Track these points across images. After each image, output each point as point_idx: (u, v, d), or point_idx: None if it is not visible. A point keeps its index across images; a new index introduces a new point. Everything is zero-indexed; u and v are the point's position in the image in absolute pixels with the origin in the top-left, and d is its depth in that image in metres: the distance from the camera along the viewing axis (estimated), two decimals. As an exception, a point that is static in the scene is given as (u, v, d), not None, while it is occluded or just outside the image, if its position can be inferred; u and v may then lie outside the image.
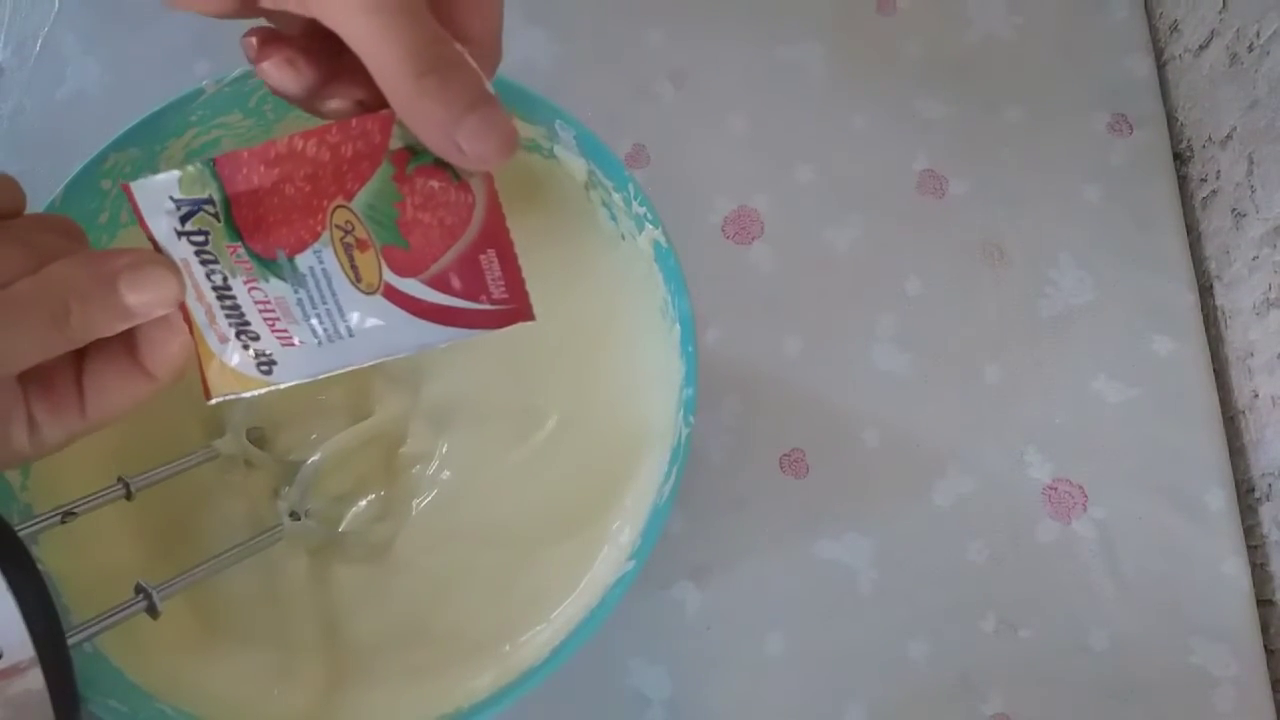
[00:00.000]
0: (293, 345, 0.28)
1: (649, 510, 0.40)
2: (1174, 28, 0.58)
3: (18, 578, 0.30)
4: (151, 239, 0.28)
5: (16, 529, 0.32)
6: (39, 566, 0.31)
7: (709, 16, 0.60)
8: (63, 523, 0.36)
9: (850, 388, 0.53)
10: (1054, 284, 0.54)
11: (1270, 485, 0.50)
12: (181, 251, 0.28)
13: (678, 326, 0.41)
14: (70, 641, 0.32)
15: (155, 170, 0.44)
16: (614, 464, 0.44)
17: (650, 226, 0.41)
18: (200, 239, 0.28)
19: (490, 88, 0.26)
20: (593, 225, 0.45)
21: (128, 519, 0.43)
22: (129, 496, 0.39)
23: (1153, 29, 0.59)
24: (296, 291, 0.28)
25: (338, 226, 0.27)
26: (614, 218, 0.44)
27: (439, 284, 0.28)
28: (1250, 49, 0.50)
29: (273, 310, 0.28)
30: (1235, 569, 0.50)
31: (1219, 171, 0.54)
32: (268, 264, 0.28)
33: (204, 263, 0.28)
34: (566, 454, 0.45)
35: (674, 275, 0.41)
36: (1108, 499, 0.51)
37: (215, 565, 0.39)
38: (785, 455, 0.52)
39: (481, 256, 0.29)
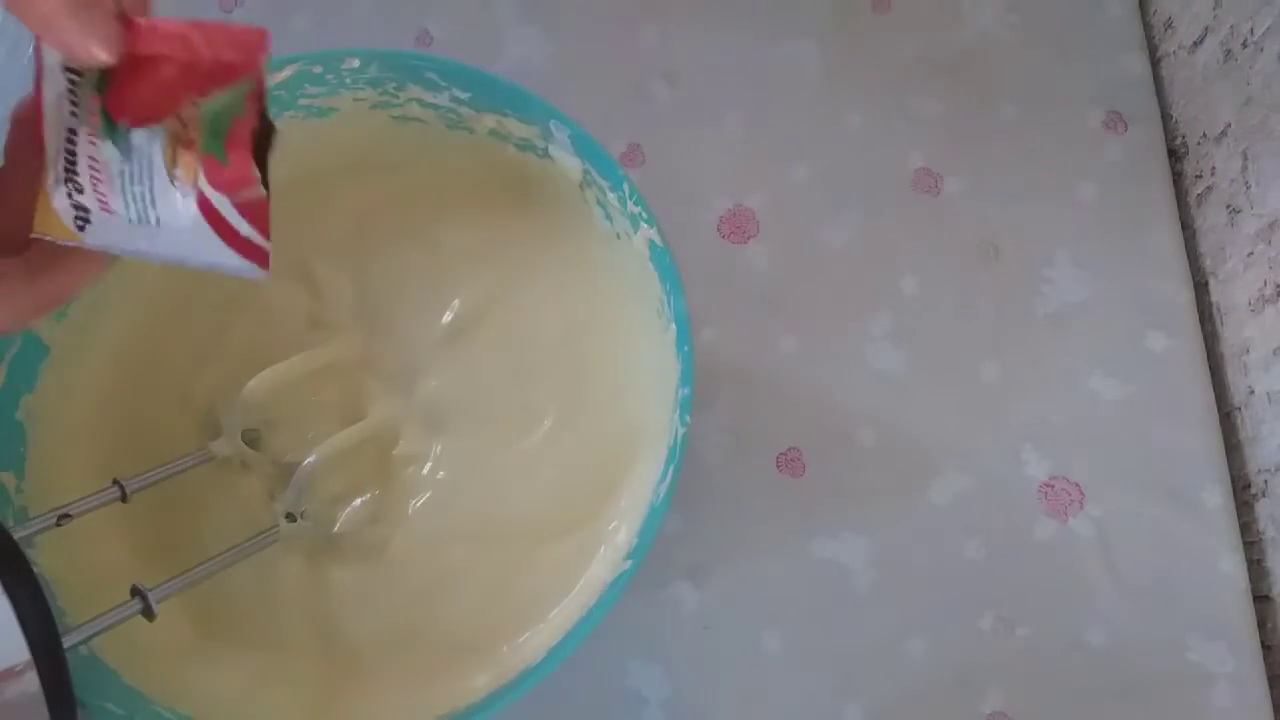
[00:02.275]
0: (108, 212, 0.28)
1: (645, 510, 0.40)
2: (1168, 25, 0.58)
3: (13, 581, 0.30)
4: (38, 62, 0.28)
5: (12, 532, 0.32)
6: (34, 569, 0.31)
7: (703, 16, 0.60)
8: (58, 525, 0.36)
9: (846, 386, 0.53)
10: (1049, 281, 0.54)
11: (1266, 482, 0.50)
12: (58, 85, 0.28)
13: (673, 326, 0.41)
14: (66, 644, 0.32)
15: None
16: (610, 464, 0.44)
17: (645, 226, 0.41)
18: (75, 79, 0.28)
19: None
20: (588, 224, 0.45)
21: (123, 521, 0.43)
22: (125, 499, 0.38)
23: (1147, 26, 0.59)
24: (123, 162, 0.28)
25: (178, 118, 0.28)
26: (609, 217, 0.44)
27: (246, 210, 0.28)
28: (1244, 45, 0.50)
29: (99, 172, 0.28)
30: (1232, 565, 0.50)
31: (1214, 168, 0.54)
32: (112, 126, 0.28)
33: (70, 102, 0.28)
34: (562, 454, 0.45)
35: (669, 274, 0.41)
36: (1104, 496, 0.51)
37: (211, 567, 0.39)
38: (782, 454, 0.52)
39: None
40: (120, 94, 0.28)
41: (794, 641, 0.49)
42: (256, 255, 0.29)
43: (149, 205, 0.28)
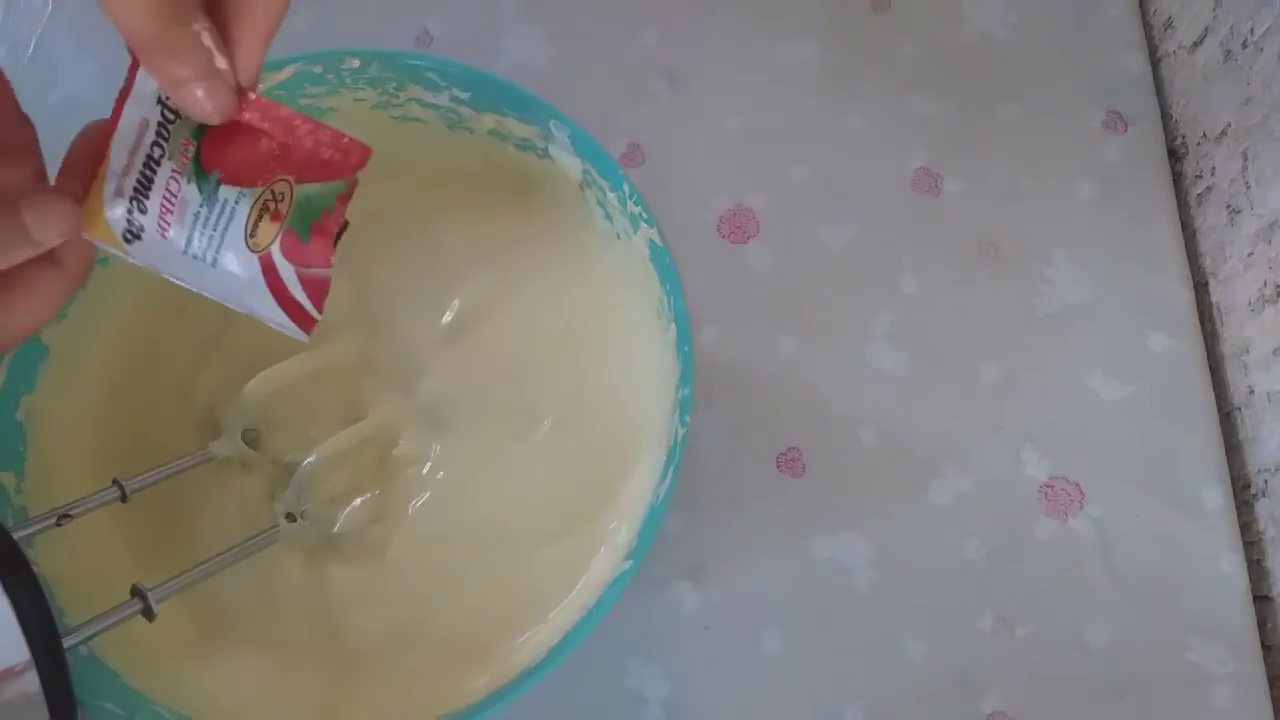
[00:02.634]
0: (164, 239, 0.31)
1: (646, 510, 0.40)
2: (1168, 25, 0.58)
3: (13, 581, 0.30)
4: (129, 84, 0.31)
5: (12, 532, 0.32)
6: (34, 569, 0.31)
7: (703, 15, 0.60)
8: (58, 525, 0.36)
9: (847, 386, 0.53)
10: (1050, 282, 0.54)
11: (1266, 481, 0.50)
12: (149, 111, 0.31)
13: (673, 326, 0.41)
14: (66, 645, 0.32)
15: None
16: (610, 464, 0.44)
17: (645, 225, 0.41)
18: (171, 116, 0.31)
19: (221, 63, 0.29)
20: (588, 224, 0.45)
21: (123, 521, 0.43)
22: (124, 499, 0.38)
23: (1147, 26, 0.59)
24: (202, 206, 0.31)
25: (272, 190, 0.32)
26: (609, 217, 0.44)
27: (309, 284, 0.33)
28: (1244, 45, 0.50)
29: (173, 204, 0.31)
30: (1232, 566, 0.50)
31: (1214, 168, 0.54)
32: (201, 173, 0.31)
33: (157, 133, 0.31)
34: (562, 454, 0.45)
35: (669, 274, 0.41)
36: (1104, 497, 0.51)
37: (211, 567, 0.39)
38: (782, 454, 0.52)
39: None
40: (218, 149, 0.32)
41: (794, 641, 0.49)
42: (304, 321, 0.33)
43: (214, 249, 0.31)
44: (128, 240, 0.31)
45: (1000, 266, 0.55)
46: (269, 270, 0.32)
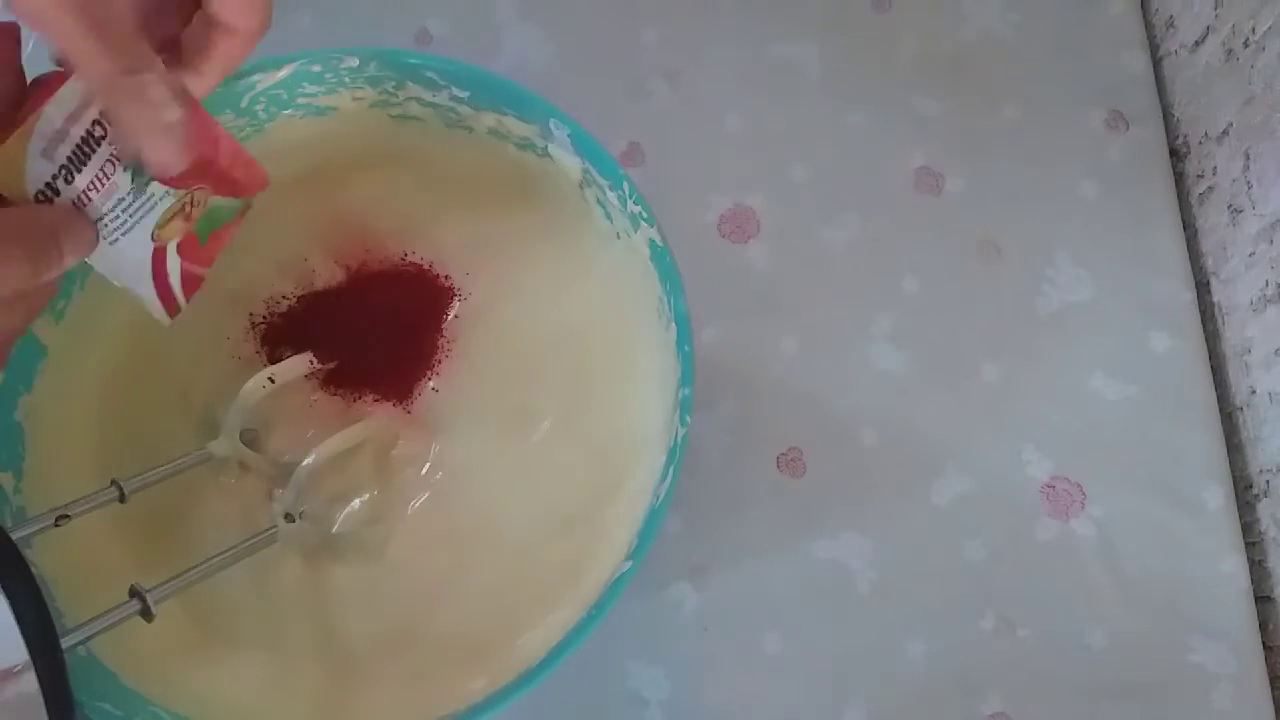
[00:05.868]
0: (83, 205, 0.31)
1: (646, 511, 0.39)
2: (1170, 24, 0.58)
3: (11, 581, 0.30)
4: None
5: (10, 532, 0.32)
6: (33, 570, 0.31)
7: (703, 15, 0.60)
8: (56, 525, 0.36)
9: (848, 387, 0.53)
10: (1051, 281, 0.54)
11: (1268, 482, 0.50)
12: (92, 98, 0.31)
13: (674, 326, 0.40)
14: (64, 645, 0.32)
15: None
16: (610, 464, 0.44)
17: (646, 225, 0.41)
18: None
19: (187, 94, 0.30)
20: (588, 224, 0.45)
21: (122, 522, 0.42)
22: (123, 499, 0.38)
23: (1148, 25, 0.59)
24: (129, 194, 0.32)
25: (192, 195, 0.34)
26: (609, 216, 0.44)
27: (187, 278, 0.36)
28: (1246, 44, 0.50)
29: (103, 186, 0.31)
30: (1234, 566, 0.49)
31: (1215, 168, 0.54)
32: (139, 166, 0.32)
33: (104, 117, 0.31)
34: (562, 455, 0.45)
35: (670, 274, 0.41)
36: (1106, 497, 0.51)
37: (209, 568, 0.39)
38: (783, 455, 0.52)
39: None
40: None
41: (794, 641, 0.49)
42: (171, 308, 0.36)
43: (121, 231, 0.32)
44: (37, 199, 0.30)
45: (1001, 266, 0.55)
46: (159, 260, 0.34)
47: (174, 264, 0.35)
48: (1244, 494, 0.51)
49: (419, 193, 0.47)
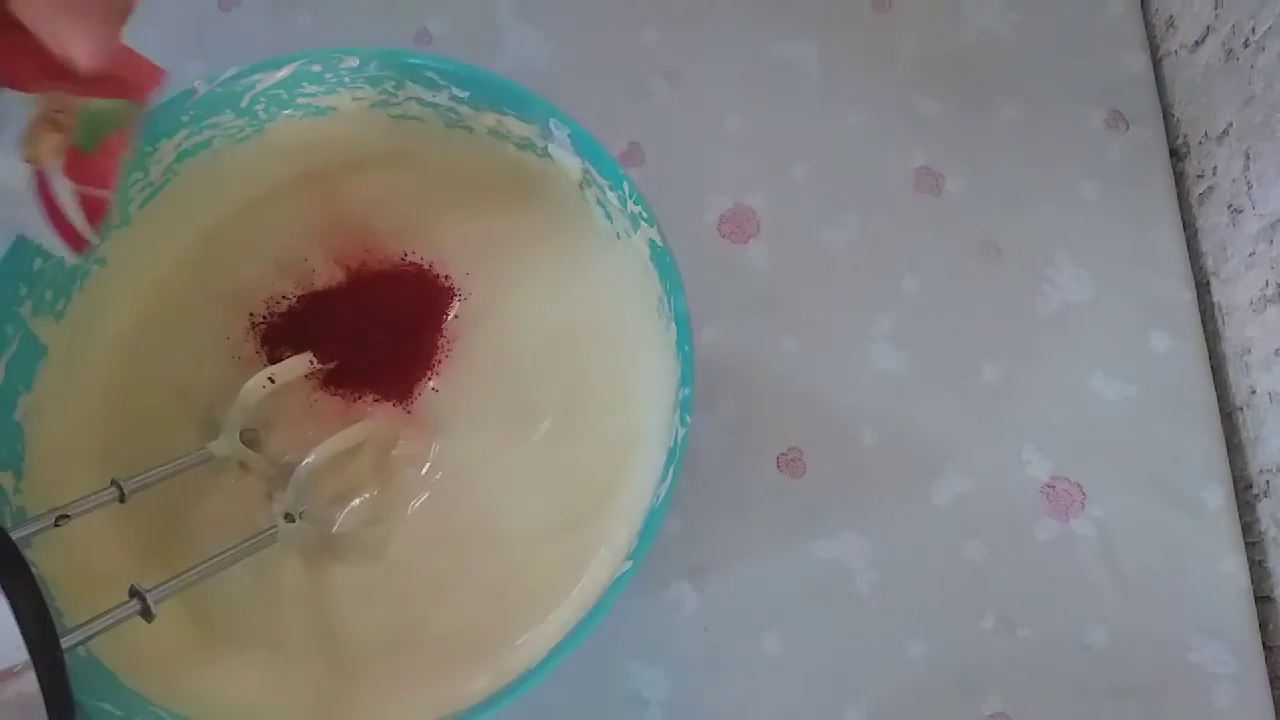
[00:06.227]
0: None
1: (646, 511, 0.39)
2: (1170, 24, 0.58)
3: (11, 581, 0.30)
4: None
5: (10, 532, 0.32)
6: (32, 570, 0.31)
7: (703, 14, 0.60)
8: (56, 526, 0.36)
9: (847, 387, 0.53)
10: (1051, 281, 0.54)
11: (1268, 482, 0.50)
12: None
13: (674, 325, 0.40)
14: (64, 645, 0.32)
15: (146, 170, 0.44)
16: (610, 464, 0.44)
17: (646, 225, 0.41)
18: None
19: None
20: (588, 224, 0.45)
21: (122, 522, 0.42)
22: (123, 499, 0.38)
23: (1148, 25, 0.59)
24: None
25: (51, 100, 0.29)
26: (609, 216, 0.44)
27: (88, 204, 0.31)
28: (1246, 44, 0.50)
29: None
30: (1234, 566, 0.49)
31: (1215, 167, 0.54)
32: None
33: None
34: (562, 455, 0.45)
35: (670, 274, 0.41)
36: (1106, 497, 0.51)
37: (209, 568, 0.39)
38: (783, 455, 0.52)
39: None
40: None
41: (794, 641, 0.49)
42: (76, 243, 0.32)
43: None
44: None
45: (1001, 266, 0.55)
46: (42, 185, 0.30)
47: (64, 188, 0.31)
48: (1244, 494, 0.51)
49: (419, 193, 0.47)
